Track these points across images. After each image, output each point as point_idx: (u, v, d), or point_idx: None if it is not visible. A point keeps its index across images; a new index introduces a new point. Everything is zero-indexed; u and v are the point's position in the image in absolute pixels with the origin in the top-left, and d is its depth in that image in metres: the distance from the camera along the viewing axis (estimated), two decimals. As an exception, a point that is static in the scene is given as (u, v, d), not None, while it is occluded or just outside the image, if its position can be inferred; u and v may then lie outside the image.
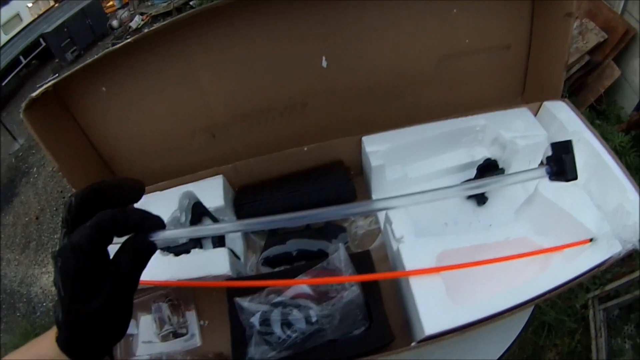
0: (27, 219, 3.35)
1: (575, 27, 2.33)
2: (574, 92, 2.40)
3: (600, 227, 0.66)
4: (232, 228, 0.55)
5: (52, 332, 0.45)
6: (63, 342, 0.44)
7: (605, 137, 2.01)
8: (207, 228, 0.58)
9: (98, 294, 0.42)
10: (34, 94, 0.70)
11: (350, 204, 0.48)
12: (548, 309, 1.80)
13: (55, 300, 0.44)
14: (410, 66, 0.84)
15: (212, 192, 0.84)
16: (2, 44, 4.79)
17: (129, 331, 0.84)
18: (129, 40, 0.69)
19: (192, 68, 0.77)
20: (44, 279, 2.87)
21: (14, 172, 3.90)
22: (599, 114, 2.32)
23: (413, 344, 0.65)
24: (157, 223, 0.47)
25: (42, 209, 3.35)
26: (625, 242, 0.65)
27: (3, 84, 4.87)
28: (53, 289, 2.56)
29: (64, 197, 3.31)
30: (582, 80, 2.37)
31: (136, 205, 0.54)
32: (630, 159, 2.01)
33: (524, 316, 0.90)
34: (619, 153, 2.01)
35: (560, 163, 0.49)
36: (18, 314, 2.76)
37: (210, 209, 0.84)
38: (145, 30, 0.72)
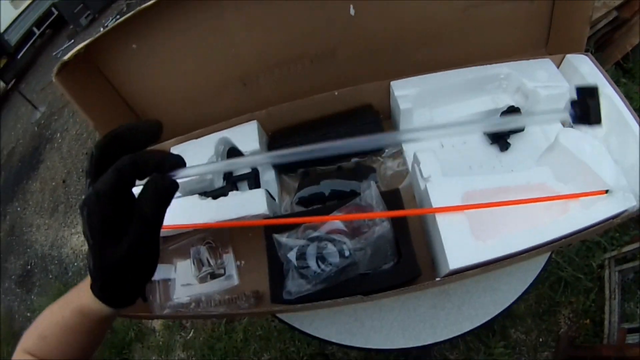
0: (54, 183, 3.40)
1: None
2: (599, 48, 2.31)
3: (617, 181, 0.68)
4: (257, 160, 0.54)
5: (87, 282, 0.48)
6: (98, 289, 0.47)
7: (629, 96, 2.00)
8: (229, 162, 0.63)
9: (124, 237, 0.44)
10: (65, 57, 0.72)
11: (378, 134, 0.48)
12: (565, 265, 1.81)
13: (87, 252, 0.46)
14: (436, 14, 0.84)
15: (247, 136, 0.88)
16: (14, 17, 4.82)
17: (168, 276, 0.90)
18: None
19: (224, 20, 0.78)
20: (74, 240, 2.93)
21: (37, 139, 3.96)
22: (624, 72, 2.23)
23: (438, 279, 0.69)
24: (177, 162, 0.48)
25: (68, 172, 3.38)
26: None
27: (19, 56, 4.93)
28: (84, 248, 2.68)
29: (89, 159, 3.38)
30: (608, 36, 2.28)
31: (174, 152, 0.57)
32: None
33: (540, 261, 0.94)
34: None
35: (585, 107, 0.49)
36: (50, 276, 2.85)
37: (245, 153, 0.87)
38: None
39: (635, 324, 1.55)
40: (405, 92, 0.85)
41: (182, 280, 0.90)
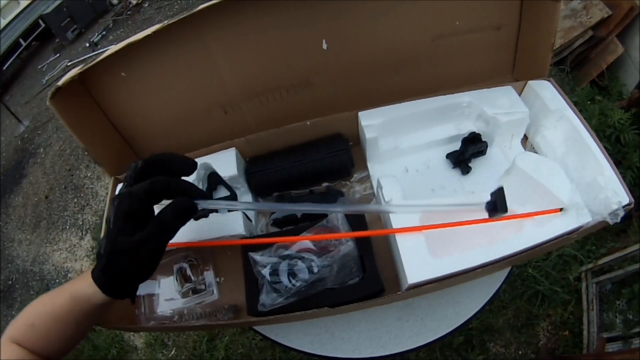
0: (36, 198, 3.38)
1: (579, 1, 2.29)
2: (576, 67, 2.38)
3: (572, 198, 0.71)
4: (261, 207, 0.87)
5: (87, 272, 0.56)
6: (98, 271, 0.54)
7: (605, 114, 2.02)
8: (242, 203, 0.84)
9: (141, 230, 0.53)
10: (59, 83, 0.77)
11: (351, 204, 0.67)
12: (542, 279, 1.86)
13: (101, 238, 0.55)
14: (405, 46, 0.90)
15: (226, 162, 0.93)
16: (1, 28, 4.78)
17: (152, 291, 0.95)
18: (148, 32, 0.74)
19: (209, 53, 0.83)
20: (56, 256, 2.92)
21: (21, 153, 3.92)
22: (600, 90, 2.29)
23: (399, 292, 0.75)
24: (203, 194, 0.60)
25: (51, 187, 3.36)
26: (594, 214, 0.70)
27: (4, 67, 4.89)
28: (65, 265, 2.64)
29: (72, 175, 3.33)
30: (584, 55, 2.36)
31: None
32: (630, 136, 1.98)
33: (501, 276, 1.00)
34: (618, 130, 2.00)
35: (496, 203, 0.71)
36: (32, 292, 2.82)
37: (224, 178, 0.93)
38: (145, 5, 0.77)
39: (615, 332, 1.59)
40: (372, 121, 0.91)
41: (165, 295, 0.95)
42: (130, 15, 4.98)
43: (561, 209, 0.72)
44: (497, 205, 0.71)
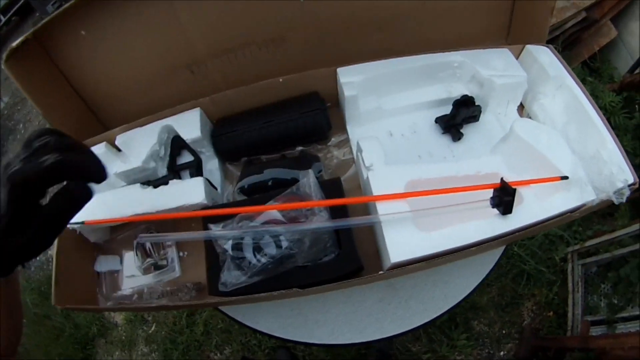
0: (15, 175, 3.31)
1: None
2: (567, 47, 2.36)
3: (575, 172, 0.67)
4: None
5: None
6: None
7: (595, 95, 2.02)
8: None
9: (28, 230, 0.44)
10: (14, 44, 0.73)
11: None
12: (528, 258, 1.84)
13: None
14: (391, 1, 0.83)
15: (189, 124, 0.86)
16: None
17: (114, 267, 0.89)
18: None
19: (172, 6, 0.77)
20: None
21: (0, 130, 3.85)
22: (591, 72, 2.30)
23: (381, 272, 0.67)
24: (98, 173, 0.47)
25: (29, 163, 3.29)
26: (599, 191, 0.66)
27: (-17, 43, 4.76)
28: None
29: (51, 151, 3.28)
30: (577, 36, 2.33)
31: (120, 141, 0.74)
32: (620, 119, 2.00)
33: (495, 255, 0.93)
34: (609, 112, 2.01)
35: (502, 201, 0.64)
36: None
37: (188, 141, 0.86)
38: None
39: (599, 316, 1.58)
40: (352, 78, 0.83)
41: (127, 272, 0.89)
42: (113, -13, 4.84)
43: (563, 177, 0.66)
44: (502, 200, 0.65)
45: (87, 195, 0.47)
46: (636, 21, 2.14)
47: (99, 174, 0.48)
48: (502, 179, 0.64)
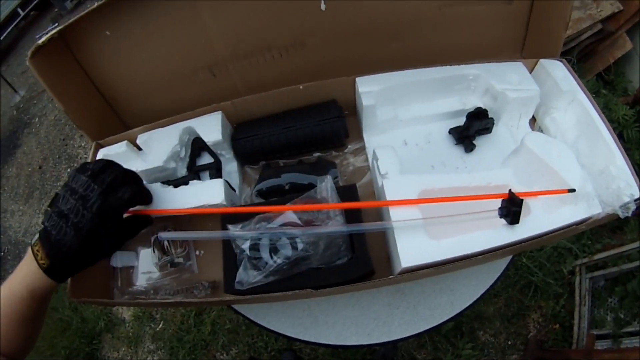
0: (30, 169, 3.33)
1: None
2: (582, 59, 2.35)
3: (583, 186, 0.67)
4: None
5: (24, 269, 0.60)
6: (46, 263, 0.58)
7: (609, 108, 2.02)
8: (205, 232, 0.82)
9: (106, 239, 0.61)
10: (39, 41, 0.74)
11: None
12: (536, 270, 1.84)
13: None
14: (410, 9, 0.84)
15: (210, 127, 0.87)
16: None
17: (130, 263, 0.91)
18: None
19: (195, 8, 0.78)
20: None
21: (15, 123, 3.87)
22: (605, 84, 2.28)
23: (391, 276, 0.69)
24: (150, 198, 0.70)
25: (44, 157, 3.32)
26: (605, 205, 0.66)
27: (2, 37, 4.81)
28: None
29: (66, 145, 3.29)
30: (592, 48, 2.33)
31: (141, 140, 0.88)
32: (632, 133, 1.98)
33: (501, 264, 0.94)
34: (622, 125, 2.00)
35: (509, 211, 0.66)
36: None
37: (208, 143, 0.87)
38: None
39: (605, 330, 1.58)
40: (370, 88, 0.85)
41: (143, 268, 0.91)
42: (132, -17, 4.87)
43: (570, 190, 0.67)
44: (510, 211, 0.66)
45: (150, 221, 0.69)
46: (652, 34, 2.09)
47: (150, 198, 0.69)
48: (510, 190, 0.66)
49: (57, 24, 4.62)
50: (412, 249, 0.65)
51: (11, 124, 3.91)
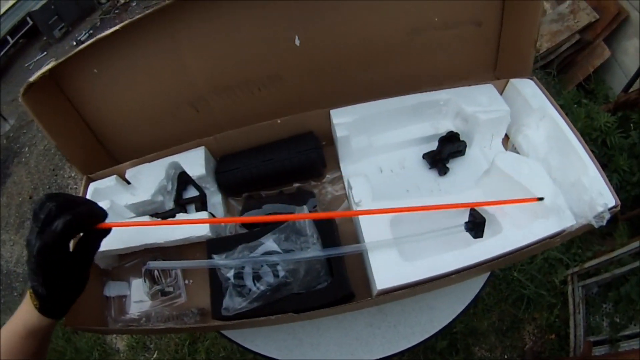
0: (20, 198, 3.31)
1: (567, 5, 2.31)
2: (562, 70, 2.39)
3: (555, 200, 0.69)
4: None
5: (23, 310, 0.62)
6: (39, 303, 0.59)
7: (591, 117, 2.04)
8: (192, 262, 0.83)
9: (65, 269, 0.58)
10: (31, 79, 0.76)
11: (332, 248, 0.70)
12: (527, 282, 1.85)
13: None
14: (379, 40, 0.88)
15: (194, 162, 0.91)
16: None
17: (122, 292, 0.93)
18: (117, 27, 0.74)
19: (177, 47, 0.82)
20: None
21: (5, 152, 3.83)
22: (587, 93, 2.31)
23: (369, 298, 0.72)
24: (102, 215, 0.61)
25: (35, 187, 3.30)
26: (578, 216, 0.68)
27: (-10, 64, 4.84)
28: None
29: (56, 175, 3.28)
30: (571, 58, 2.37)
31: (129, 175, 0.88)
32: (615, 139, 1.99)
33: (479, 281, 0.97)
34: (604, 133, 2.01)
35: (474, 226, 0.70)
36: (15, 294, 2.76)
37: (193, 177, 0.91)
38: (133, 4, 0.78)
39: (601, 336, 1.59)
40: (344, 119, 0.89)
41: (135, 297, 0.93)
42: (117, 14, 4.89)
43: (539, 199, 0.69)
44: (474, 225, 0.70)
45: (104, 233, 0.62)
46: (629, 40, 2.17)
47: (101, 213, 0.61)
48: (472, 207, 0.70)
49: (45, 53, 4.69)
50: (386, 271, 0.68)
51: (1, 153, 3.87)
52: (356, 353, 0.90)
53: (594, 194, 0.69)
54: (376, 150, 0.94)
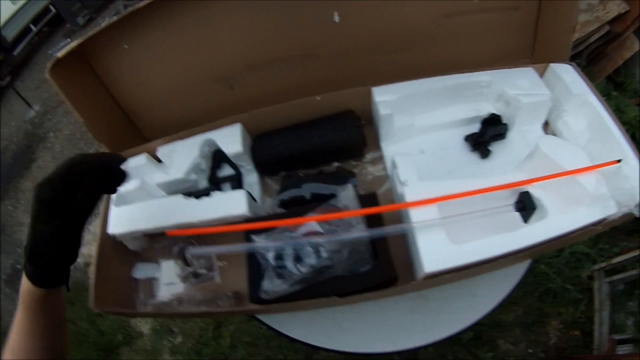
0: (45, 183, 3.36)
1: None
2: (591, 62, 2.32)
3: (597, 187, 0.67)
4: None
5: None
6: (27, 265, 0.56)
7: (620, 110, 2.01)
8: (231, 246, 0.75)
9: (58, 217, 0.54)
10: (59, 54, 0.75)
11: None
12: (554, 276, 1.81)
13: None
14: (418, 22, 0.85)
15: (231, 139, 0.89)
16: (12, 14, 4.78)
17: (152, 274, 0.92)
18: (149, 1, 0.72)
19: (212, 22, 0.80)
20: None
21: (30, 138, 3.91)
22: (616, 86, 2.25)
23: (413, 282, 0.70)
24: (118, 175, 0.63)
25: (60, 172, 3.34)
26: (621, 205, 0.66)
27: (15, 52, 4.90)
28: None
29: (81, 160, 3.31)
30: (600, 50, 2.29)
31: (161, 153, 0.82)
32: None
33: (520, 269, 0.94)
34: (633, 127, 1.98)
35: (523, 204, 0.71)
36: None
37: (229, 155, 0.89)
38: None
39: (626, 335, 1.55)
40: (386, 97, 0.86)
41: (165, 279, 0.92)
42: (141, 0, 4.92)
43: (618, 161, 0.69)
44: (525, 205, 0.70)
45: (107, 188, 0.64)
46: (658, 33, 2.06)
47: (118, 160, 0.64)
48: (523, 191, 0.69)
49: (69, 40, 4.73)
50: (434, 254, 0.66)
51: (26, 139, 3.95)
52: (397, 340, 0.87)
53: (635, 183, 0.67)
54: (418, 130, 0.91)
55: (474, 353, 1.76)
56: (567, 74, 0.84)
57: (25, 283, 0.57)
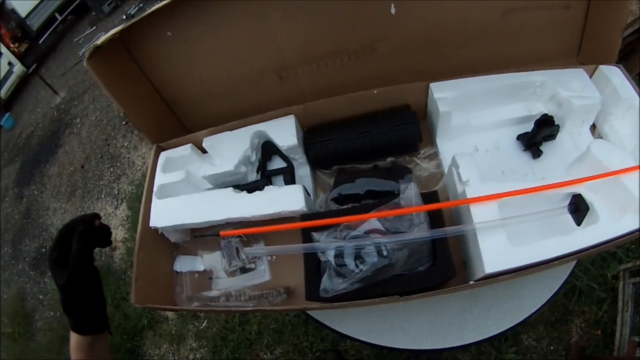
0: (72, 168, 3.41)
1: None
2: (624, 57, 2.24)
3: None
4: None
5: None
6: (69, 321, 0.67)
7: None
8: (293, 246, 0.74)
9: (63, 271, 0.65)
10: (98, 42, 0.74)
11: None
12: (581, 274, 1.80)
13: None
14: (474, 18, 0.84)
15: (284, 131, 0.88)
16: (37, 2, 4.85)
17: (194, 268, 0.91)
18: None
19: (263, 9, 0.78)
20: None
21: (57, 124, 3.96)
22: None
23: (471, 281, 0.69)
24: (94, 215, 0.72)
25: (87, 157, 3.38)
26: None
27: (40, 41, 4.96)
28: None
29: (108, 145, 3.33)
30: (633, 46, 2.20)
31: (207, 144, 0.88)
32: None
33: (565, 270, 0.95)
34: None
35: (577, 209, 0.72)
36: None
37: (282, 148, 0.88)
38: None
39: None
40: (444, 94, 0.85)
41: (211, 274, 0.91)
42: (170, -14, 4.90)
43: None
44: (579, 206, 0.71)
45: (91, 232, 0.69)
46: (695, 28, 2.00)
47: (94, 215, 0.72)
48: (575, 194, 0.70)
49: (95, 27, 4.76)
50: (494, 255, 0.66)
51: (52, 125, 4.01)
52: (448, 338, 0.87)
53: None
54: (473, 128, 0.90)
55: (497, 348, 1.77)
56: (616, 77, 0.83)
57: (72, 337, 0.68)
